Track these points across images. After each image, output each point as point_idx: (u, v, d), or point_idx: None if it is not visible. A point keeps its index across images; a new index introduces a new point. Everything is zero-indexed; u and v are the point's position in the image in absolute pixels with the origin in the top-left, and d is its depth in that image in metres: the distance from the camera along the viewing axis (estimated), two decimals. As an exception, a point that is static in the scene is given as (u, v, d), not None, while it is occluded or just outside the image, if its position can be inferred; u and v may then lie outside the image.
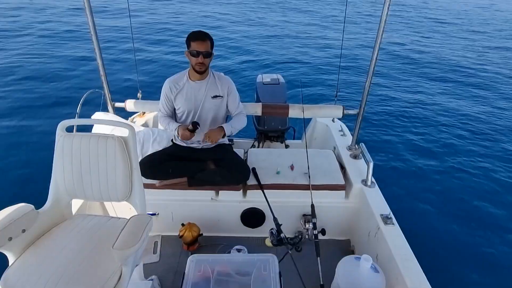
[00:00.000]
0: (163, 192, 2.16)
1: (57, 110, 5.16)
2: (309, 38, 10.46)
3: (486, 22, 14.21)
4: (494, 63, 8.64)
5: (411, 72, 7.73)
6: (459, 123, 5.33)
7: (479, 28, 12.69)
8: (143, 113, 2.99)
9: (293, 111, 2.52)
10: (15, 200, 1.48)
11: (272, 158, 2.41)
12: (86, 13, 2.16)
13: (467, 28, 12.62)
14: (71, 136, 1.55)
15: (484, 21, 14.51)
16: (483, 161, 4.27)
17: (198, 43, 1.93)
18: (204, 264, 1.65)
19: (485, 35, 11.62)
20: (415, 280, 1.52)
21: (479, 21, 14.24)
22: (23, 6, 12.66)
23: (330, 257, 1.91)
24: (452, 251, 2.91)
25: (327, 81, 6.90)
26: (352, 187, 2.19)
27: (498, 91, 6.74)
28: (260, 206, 2.19)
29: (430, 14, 15.10)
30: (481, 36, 11.48)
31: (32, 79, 6.35)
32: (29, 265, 1.36)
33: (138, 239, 1.30)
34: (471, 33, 11.79)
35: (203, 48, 1.93)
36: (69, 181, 1.57)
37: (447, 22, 13.58)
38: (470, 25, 13.30)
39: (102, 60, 2.38)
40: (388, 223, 1.85)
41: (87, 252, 1.42)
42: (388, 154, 4.40)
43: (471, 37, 11.20)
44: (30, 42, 8.62)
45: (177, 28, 10.88)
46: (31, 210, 1.46)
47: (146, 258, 2.15)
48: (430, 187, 3.76)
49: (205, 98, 2.10)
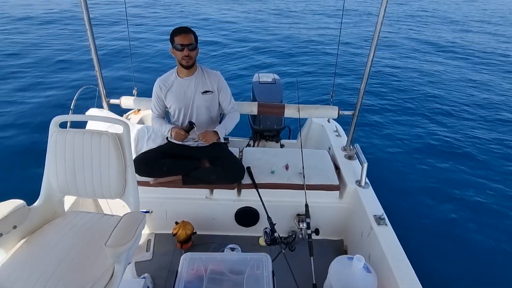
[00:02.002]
0: (157, 190, 2.15)
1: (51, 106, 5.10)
2: (308, 39, 10.48)
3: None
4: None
5: (407, 72, 7.80)
6: (454, 124, 5.40)
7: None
8: (138, 110, 2.98)
9: (288, 110, 2.53)
10: (6, 196, 1.46)
11: (267, 157, 2.41)
12: (82, 9, 2.14)
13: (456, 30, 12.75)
14: (64, 132, 1.54)
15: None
16: (476, 164, 4.32)
17: (182, 37, 1.93)
18: (198, 262, 1.65)
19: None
20: (407, 280, 1.53)
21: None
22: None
23: (323, 257, 1.93)
24: (444, 252, 2.95)
25: (323, 82, 6.93)
26: (346, 188, 2.20)
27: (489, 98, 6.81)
28: (255, 205, 2.20)
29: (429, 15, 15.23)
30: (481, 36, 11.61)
31: (27, 73, 6.27)
32: (20, 261, 1.35)
33: (131, 237, 1.29)
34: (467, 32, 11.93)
35: (187, 40, 1.94)
36: (62, 177, 1.55)
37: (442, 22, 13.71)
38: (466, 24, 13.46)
39: (97, 56, 2.36)
40: (381, 224, 1.87)
41: (79, 249, 1.40)
42: (383, 155, 4.43)
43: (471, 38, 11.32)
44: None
45: (174, 23, 10.83)
46: (23, 206, 1.45)
47: (139, 256, 2.14)
48: (423, 188, 3.79)
49: (195, 94, 2.10)
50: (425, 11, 16.48)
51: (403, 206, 3.45)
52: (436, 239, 3.09)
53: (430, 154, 4.48)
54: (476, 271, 2.77)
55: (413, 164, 4.25)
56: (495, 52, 9.77)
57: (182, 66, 2.03)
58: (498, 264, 2.85)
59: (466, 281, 2.69)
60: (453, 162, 4.29)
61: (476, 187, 3.82)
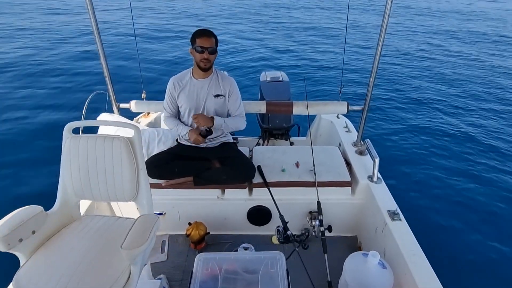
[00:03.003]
0: (170, 191, 2.17)
1: (64, 112, 5.21)
2: (315, 34, 10.40)
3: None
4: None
5: (418, 67, 7.65)
6: (470, 118, 5.26)
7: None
8: (148, 114, 3.01)
9: (297, 108, 2.51)
10: (24, 202, 1.50)
11: (277, 155, 2.40)
12: (89, 14, 2.17)
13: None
14: (77, 137, 1.57)
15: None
16: (495, 160, 4.20)
17: (204, 40, 1.95)
18: (212, 262, 1.66)
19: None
20: (424, 276, 1.51)
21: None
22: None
23: (337, 253, 1.91)
24: (460, 247, 2.89)
25: (331, 78, 6.87)
26: (358, 184, 2.18)
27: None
28: (266, 204, 2.20)
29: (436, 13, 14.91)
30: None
31: (40, 79, 6.42)
32: (40, 266, 1.38)
33: (146, 239, 1.31)
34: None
35: (208, 44, 1.95)
36: (77, 182, 1.58)
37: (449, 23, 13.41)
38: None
39: (106, 61, 2.39)
40: (395, 219, 1.84)
41: (96, 252, 1.43)
42: (395, 150, 4.36)
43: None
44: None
45: (181, 27, 10.91)
46: (40, 212, 1.48)
47: (154, 257, 2.17)
48: (438, 183, 3.72)
49: (208, 96, 2.11)
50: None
51: (417, 201, 3.39)
52: (452, 234, 3.03)
53: (446, 149, 4.37)
54: (494, 268, 2.70)
55: (426, 159, 4.16)
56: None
57: (200, 68, 2.05)
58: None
59: (486, 277, 2.63)
60: (472, 159, 4.17)
61: (497, 187, 3.69)
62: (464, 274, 2.63)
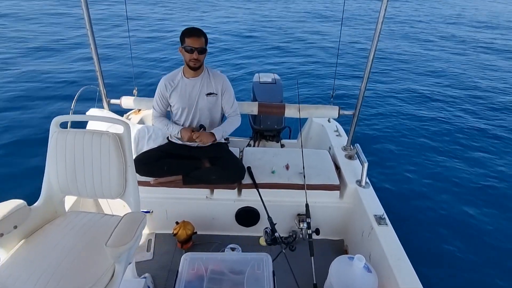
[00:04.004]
0: (158, 189, 2.15)
1: (51, 105, 5.11)
2: (307, 38, 10.47)
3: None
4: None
5: (408, 73, 7.79)
6: (455, 125, 5.38)
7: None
8: (139, 110, 2.97)
9: (289, 110, 2.53)
10: (6, 196, 1.46)
11: (267, 157, 2.41)
12: (82, 8, 2.14)
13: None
14: (65, 132, 1.54)
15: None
16: (478, 163, 4.31)
17: (193, 39, 1.93)
18: (198, 262, 1.65)
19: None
20: (407, 280, 1.53)
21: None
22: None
23: (323, 256, 1.92)
24: (444, 251, 2.94)
25: (323, 82, 6.93)
26: (346, 187, 2.20)
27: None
28: (255, 205, 2.20)
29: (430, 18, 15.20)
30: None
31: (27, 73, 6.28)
32: (21, 261, 1.35)
33: (131, 237, 1.29)
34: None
35: (197, 44, 1.93)
36: (63, 177, 1.55)
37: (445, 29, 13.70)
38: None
39: (97, 56, 2.36)
40: (381, 224, 1.87)
41: (80, 249, 1.40)
42: (383, 155, 4.43)
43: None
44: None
45: (173, 25, 10.84)
46: (23, 206, 1.45)
47: (140, 256, 2.14)
48: (424, 188, 3.79)
49: (199, 95, 2.10)
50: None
51: (404, 206, 3.45)
52: (437, 238, 3.09)
53: (432, 156, 4.46)
54: (478, 271, 2.77)
55: (414, 165, 4.24)
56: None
57: (189, 67, 2.03)
58: (501, 264, 2.85)
59: (468, 280, 2.69)
60: (457, 165, 4.27)
61: (481, 191, 3.78)
62: (449, 279, 2.68)
